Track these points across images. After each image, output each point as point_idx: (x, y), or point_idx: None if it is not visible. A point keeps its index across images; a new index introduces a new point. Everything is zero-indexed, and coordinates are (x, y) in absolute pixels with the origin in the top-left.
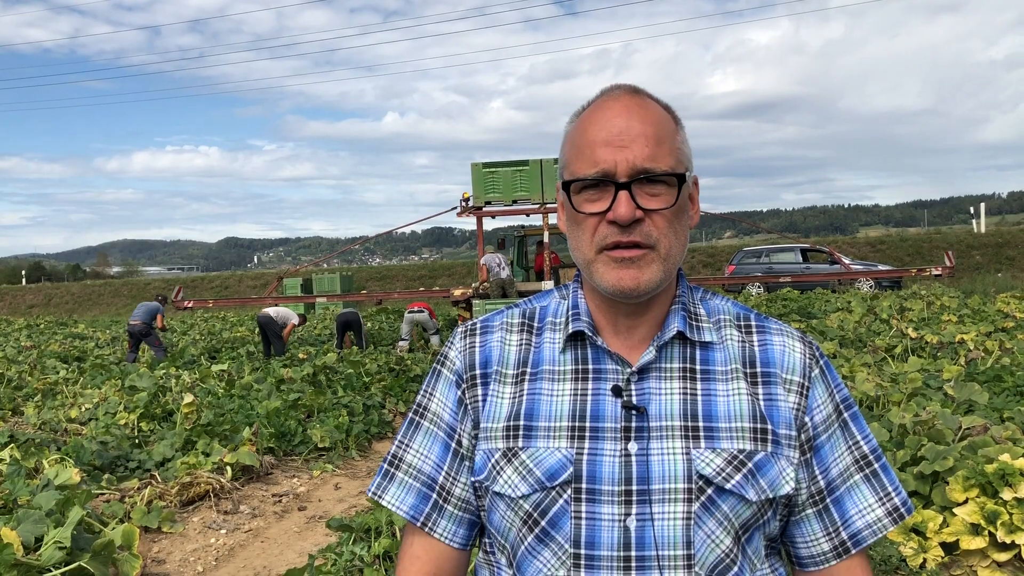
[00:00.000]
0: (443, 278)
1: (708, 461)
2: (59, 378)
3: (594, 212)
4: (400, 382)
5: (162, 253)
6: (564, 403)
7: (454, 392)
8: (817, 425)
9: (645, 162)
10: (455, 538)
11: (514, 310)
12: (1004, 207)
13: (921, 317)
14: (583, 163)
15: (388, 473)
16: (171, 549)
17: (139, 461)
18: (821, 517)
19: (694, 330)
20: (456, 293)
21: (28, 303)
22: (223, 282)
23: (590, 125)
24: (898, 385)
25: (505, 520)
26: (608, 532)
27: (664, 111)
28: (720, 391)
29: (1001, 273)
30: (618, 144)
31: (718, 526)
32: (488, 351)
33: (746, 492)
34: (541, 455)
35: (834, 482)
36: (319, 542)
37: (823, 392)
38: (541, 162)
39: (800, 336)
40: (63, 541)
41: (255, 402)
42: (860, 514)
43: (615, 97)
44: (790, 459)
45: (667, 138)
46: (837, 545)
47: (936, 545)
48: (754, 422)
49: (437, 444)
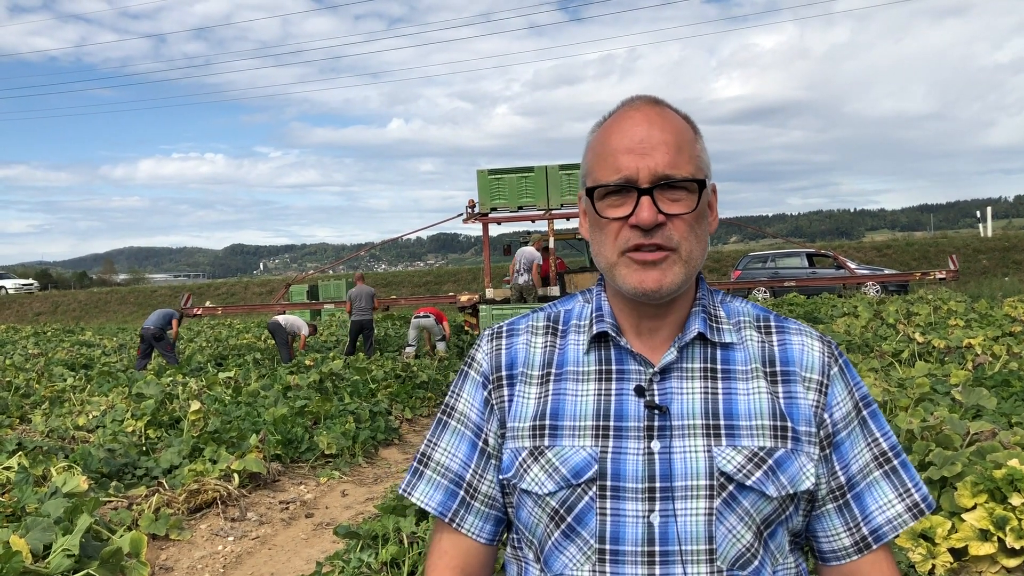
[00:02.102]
0: (449, 284)
1: (729, 458)
2: (66, 385)
3: (617, 217)
4: (407, 388)
5: (168, 260)
6: (588, 403)
7: (481, 393)
8: (837, 422)
9: (666, 168)
10: (482, 534)
11: (539, 313)
12: (1011, 211)
13: (928, 322)
14: (606, 170)
15: (417, 471)
16: (179, 556)
17: (146, 468)
18: (841, 512)
19: (714, 331)
20: (463, 299)
21: (35, 311)
22: (229, 289)
23: (612, 134)
24: (905, 390)
25: (532, 516)
26: (632, 528)
27: (683, 120)
28: (741, 390)
29: (1008, 277)
30: (640, 151)
31: (739, 521)
32: (514, 353)
33: (767, 488)
34: (567, 453)
35: (854, 478)
36: (326, 549)
37: (842, 389)
38: (546, 168)
39: (819, 336)
40: (71, 549)
41: (262, 409)
42: (880, 510)
43: (636, 107)
44: (810, 455)
45: (686, 146)
46: (858, 540)
47: (945, 551)
48: (774, 420)
49: (464, 443)
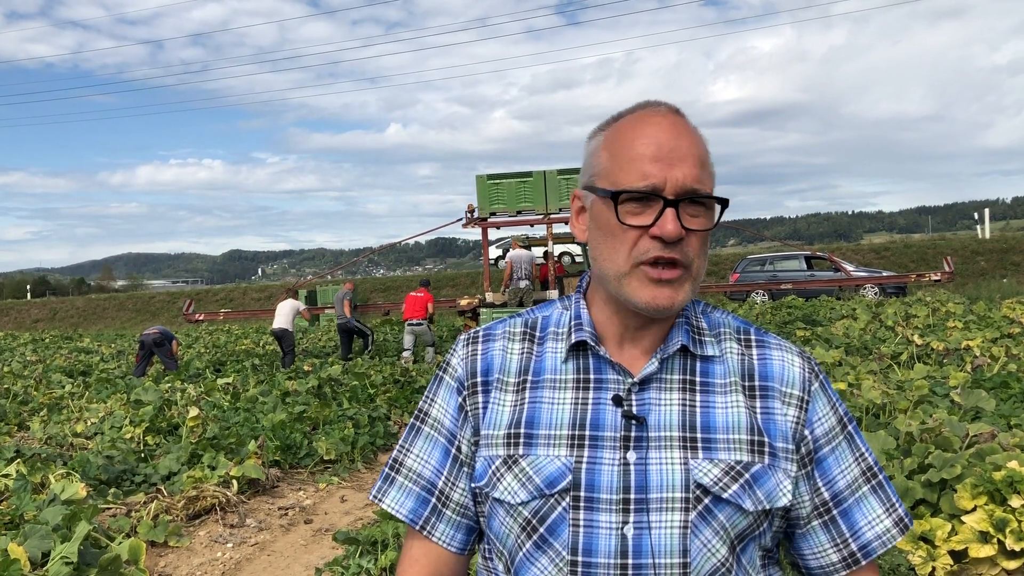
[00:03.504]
0: (447, 288)
1: (706, 471)
2: (64, 392)
3: (637, 225)
4: (405, 393)
5: (167, 266)
6: (565, 411)
7: (455, 399)
8: (819, 438)
9: (693, 183)
10: (453, 542)
11: (516, 319)
12: (1008, 212)
13: (926, 324)
14: (630, 175)
15: (389, 477)
16: (177, 563)
17: (145, 475)
18: (828, 529)
19: (697, 344)
20: (462, 303)
21: (33, 317)
22: (228, 295)
23: (637, 137)
24: (904, 392)
25: (504, 526)
26: (606, 540)
27: (701, 136)
28: (719, 403)
29: (1006, 278)
30: (668, 161)
31: (714, 535)
32: (490, 359)
33: (743, 502)
34: (541, 463)
35: (841, 494)
36: (325, 555)
37: (824, 405)
38: (544, 173)
39: (799, 351)
40: (70, 556)
41: (260, 415)
42: (869, 525)
43: (661, 113)
44: (787, 472)
45: (707, 162)
46: (846, 556)
47: (945, 553)
48: (751, 434)
49: (437, 449)
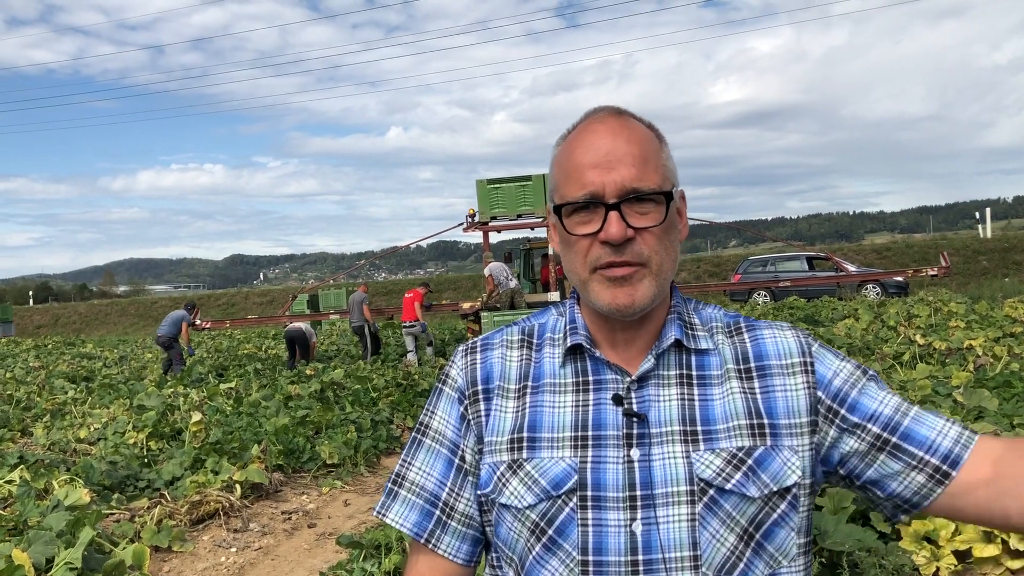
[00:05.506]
0: (449, 291)
1: (708, 463)
2: (67, 398)
3: (586, 233)
4: (408, 397)
5: (168, 271)
6: (566, 414)
7: (456, 409)
8: (840, 387)
9: (633, 182)
10: (458, 554)
11: (513, 328)
12: (1010, 211)
13: (929, 323)
14: (572, 186)
15: (392, 492)
16: (181, 568)
17: (148, 480)
18: (897, 456)
19: (690, 338)
20: (465, 306)
21: (36, 323)
22: (230, 299)
23: (576, 148)
24: (907, 392)
25: (512, 532)
26: (615, 538)
27: (648, 130)
28: (716, 395)
29: (1008, 278)
30: (605, 166)
31: (722, 525)
32: (489, 367)
33: (747, 490)
34: (546, 465)
35: (893, 419)
36: (329, 559)
37: (833, 359)
38: (544, 176)
39: (789, 326)
40: (74, 562)
41: (263, 419)
42: (941, 434)
43: (599, 120)
44: (794, 448)
45: (652, 157)
46: (932, 473)
47: (949, 553)
48: (750, 418)
49: (440, 461)
